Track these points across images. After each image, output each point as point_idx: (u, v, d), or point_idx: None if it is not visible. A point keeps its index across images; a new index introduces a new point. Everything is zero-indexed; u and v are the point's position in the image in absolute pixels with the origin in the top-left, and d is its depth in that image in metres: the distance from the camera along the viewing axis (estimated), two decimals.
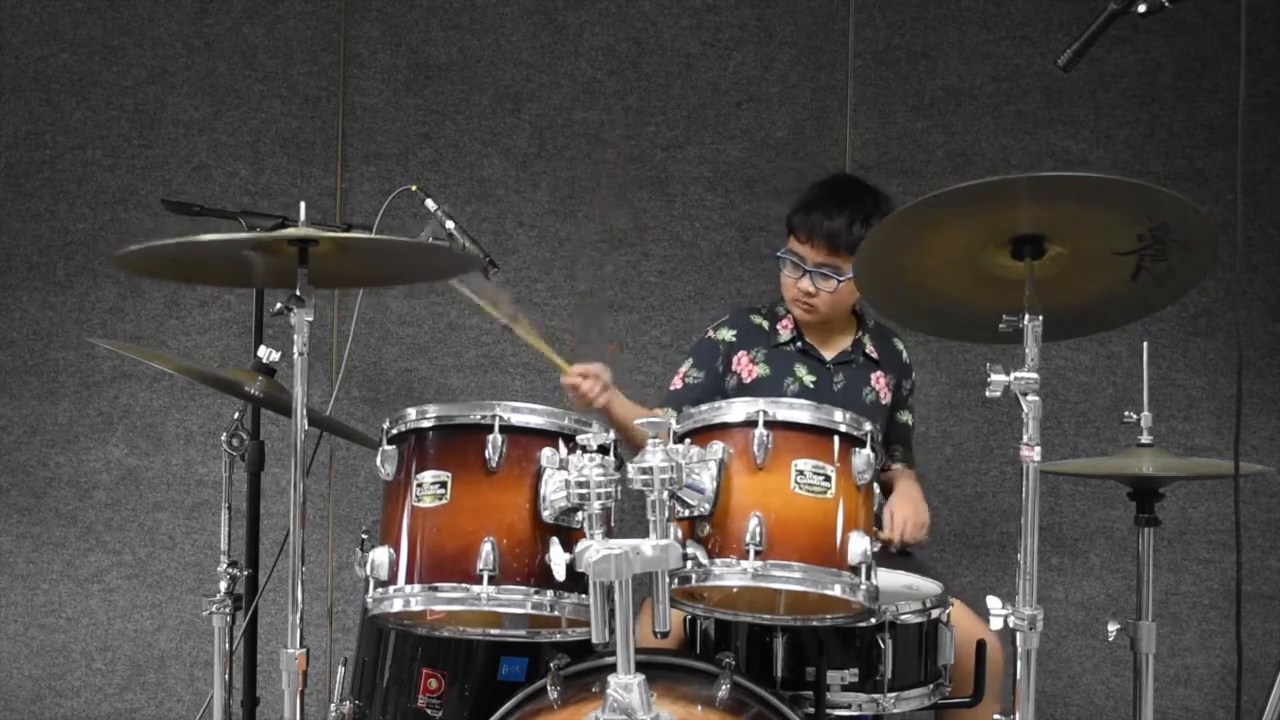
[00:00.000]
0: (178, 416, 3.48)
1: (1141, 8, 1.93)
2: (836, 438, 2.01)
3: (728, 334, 2.83)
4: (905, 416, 2.93)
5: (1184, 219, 1.89)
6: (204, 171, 3.50)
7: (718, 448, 1.97)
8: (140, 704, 3.47)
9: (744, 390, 2.75)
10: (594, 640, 1.79)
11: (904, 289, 2.15)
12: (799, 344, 2.79)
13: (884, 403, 2.82)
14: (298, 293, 1.99)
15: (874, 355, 2.83)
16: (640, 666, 1.80)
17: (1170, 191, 1.86)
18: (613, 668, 1.79)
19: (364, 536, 2.09)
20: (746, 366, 2.78)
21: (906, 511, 2.67)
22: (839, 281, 2.69)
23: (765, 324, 2.83)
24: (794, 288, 2.74)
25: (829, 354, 2.80)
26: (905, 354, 2.92)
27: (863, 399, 2.78)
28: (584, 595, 1.90)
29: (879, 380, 2.82)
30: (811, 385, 2.75)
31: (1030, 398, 1.92)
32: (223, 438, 2.49)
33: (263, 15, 3.52)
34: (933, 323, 2.41)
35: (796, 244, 2.72)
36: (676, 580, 1.93)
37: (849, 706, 2.22)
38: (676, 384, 2.81)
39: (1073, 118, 3.50)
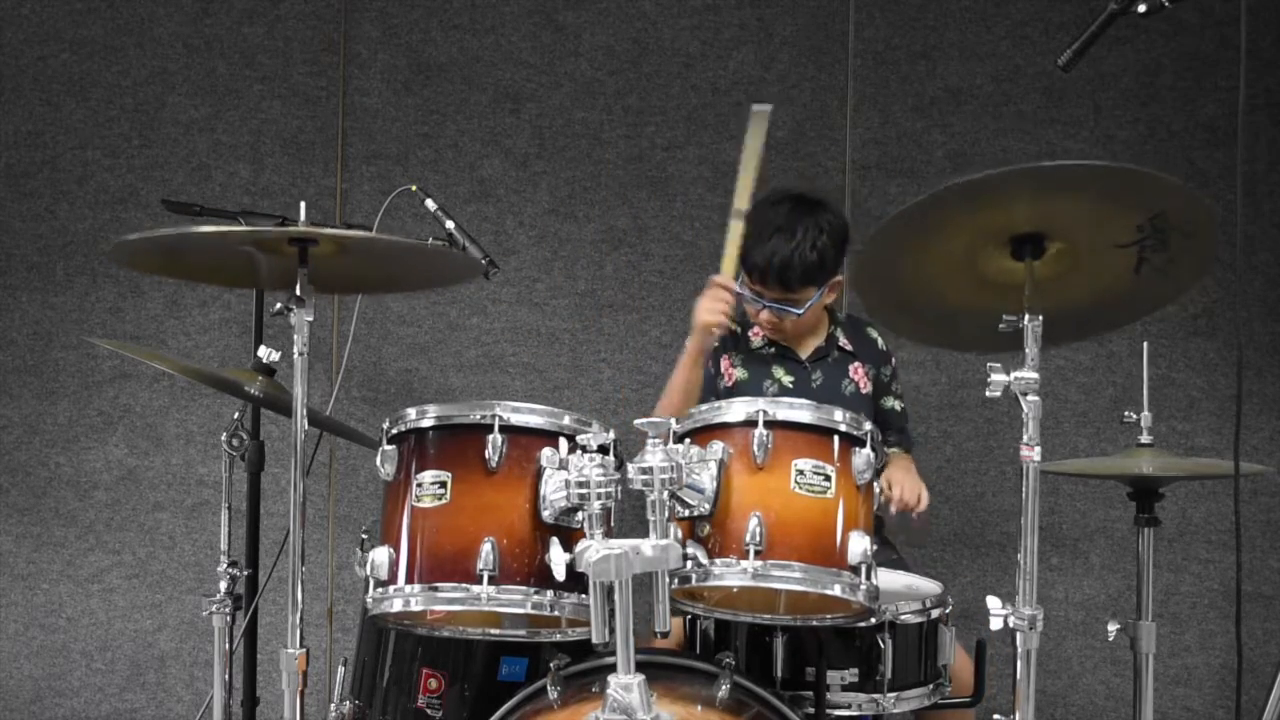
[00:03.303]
0: (178, 416, 3.48)
1: (1141, 8, 1.93)
2: (836, 437, 2.00)
3: None
4: (892, 403, 2.92)
5: (1182, 206, 1.89)
6: (204, 171, 3.49)
7: (718, 448, 1.97)
8: (140, 704, 3.47)
9: (725, 393, 2.75)
10: (594, 640, 1.79)
11: (903, 297, 2.14)
12: (773, 347, 2.79)
13: (864, 393, 2.83)
14: (298, 293, 1.99)
15: (848, 348, 2.83)
16: (640, 666, 1.79)
17: (1165, 175, 1.86)
18: (613, 668, 1.79)
19: (364, 536, 2.09)
20: (727, 369, 2.79)
21: (898, 478, 2.67)
22: (799, 314, 2.67)
23: (738, 329, 2.83)
24: (757, 317, 2.73)
25: (804, 352, 2.80)
26: (881, 341, 2.91)
27: (842, 392, 2.78)
28: (584, 595, 1.90)
29: (857, 372, 2.82)
30: (790, 385, 2.76)
31: (1030, 398, 1.92)
32: (223, 438, 2.50)
33: (263, 15, 3.51)
34: (935, 333, 2.39)
35: (749, 281, 2.66)
36: (676, 580, 1.93)
37: (849, 706, 2.21)
38: None
39: (1073, 118, 3.50)
